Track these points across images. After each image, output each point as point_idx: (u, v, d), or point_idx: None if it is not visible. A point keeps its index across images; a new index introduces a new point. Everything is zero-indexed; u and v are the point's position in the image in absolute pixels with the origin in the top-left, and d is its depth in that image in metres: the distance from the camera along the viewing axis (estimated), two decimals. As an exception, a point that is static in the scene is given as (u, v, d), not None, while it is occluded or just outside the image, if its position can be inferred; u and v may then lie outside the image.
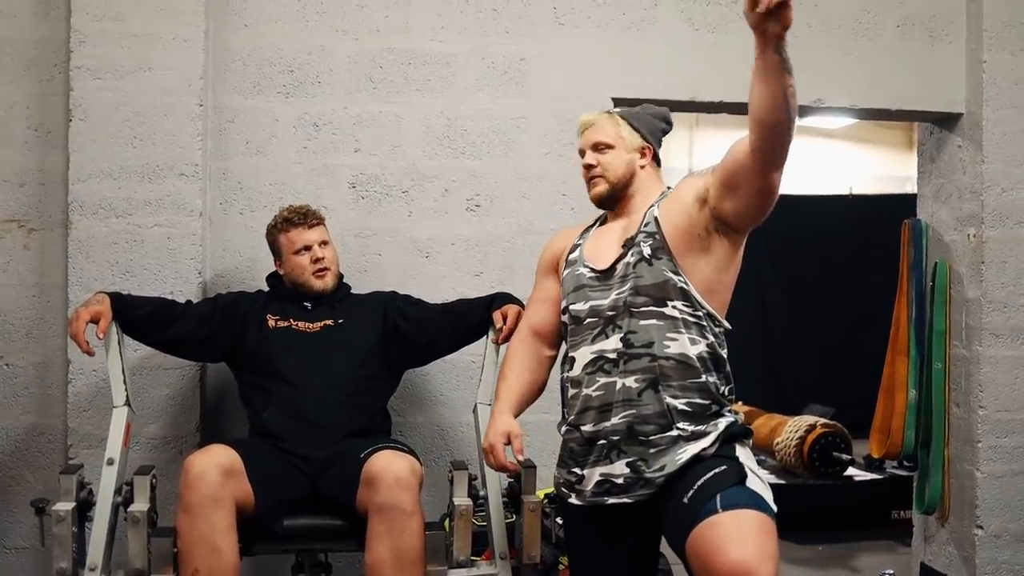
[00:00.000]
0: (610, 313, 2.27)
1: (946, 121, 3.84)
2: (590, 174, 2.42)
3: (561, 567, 2.99)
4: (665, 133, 2.49)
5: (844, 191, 8.17)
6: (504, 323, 2.83)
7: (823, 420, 5.33)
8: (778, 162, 2.11)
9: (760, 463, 5.48)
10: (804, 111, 3.80)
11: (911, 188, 4.28)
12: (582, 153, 2.46)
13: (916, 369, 3.89)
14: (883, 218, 5.02)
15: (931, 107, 3.76)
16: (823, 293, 7.52)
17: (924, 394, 3.86)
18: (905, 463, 4.17)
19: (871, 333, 4.93)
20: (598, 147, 2.41)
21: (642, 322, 2.23)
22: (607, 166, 2.39)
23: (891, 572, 4.08)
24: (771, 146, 2.08)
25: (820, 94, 3.64)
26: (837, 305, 7.47)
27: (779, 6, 1.88)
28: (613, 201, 2.42)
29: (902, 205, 4.64)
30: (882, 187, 8.23)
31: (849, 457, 5.15)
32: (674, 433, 2.19)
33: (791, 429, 5.28)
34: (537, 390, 2.52)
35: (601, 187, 2.41)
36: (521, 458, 2.40)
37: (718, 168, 2.23)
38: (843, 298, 7.41)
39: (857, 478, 5.27)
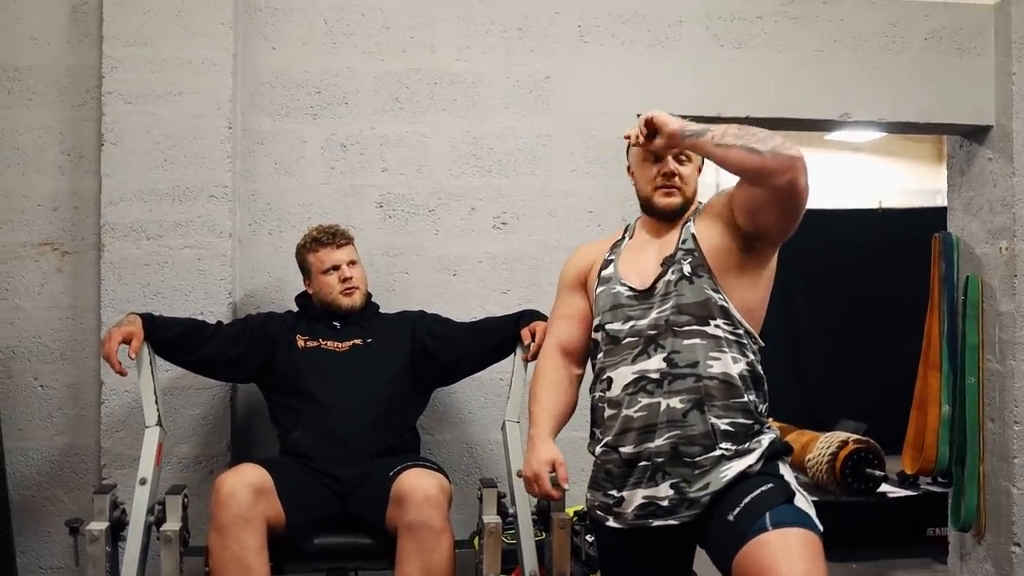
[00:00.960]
0: (651, 332, 2.24)
1: (975, 133, 3.81)
2: (669, 183, 2.33)
3: (592, 585, 2.98)
4: None
5: (873, 205, 8.11)
6: (532, 340, 2.83)
7: (855, 436, 5.29)
8: (787, 181, 2.07)
9: (792, 480, 5.49)
10: (831, 125, 3.81)
11: (941, 201, 4.26)
12: (657, 157, 2.34)
13: (949, 384, 3.85)
14: (913, 232, 4.97)
15: (960, 120, 3.73)
16: (853, 308, 7.45)
17: (957, 409, 3.82)
18: (939, 479, 4.12)
19: (903, 347, 4.88)
20: (679, 157, 2.34)
21: (685, 341, 2.21)
22: (687, 180, 2.34)
23: (927, 590, 4.04)
24: (768, 179, 2.08)
25: (847, 108, 3.63)
26: (868, 320, 7.41)
27: (648, 130, 2.20)
28: (677, 215, 2.35)
29: (932, 218, 4.60)
30: (912, 200, 8.17)
31: (882, 473, 5.09)
32: (717, 453, 2.17)
33: (823, 445, 5.23)
34: (570, 411, 2.48)
35: (677, 199, 2.34)
36: (566, 486, 2.34)
37: (735, 200, 2.21)
38: (874, 313, 7.35)
39: (891, 495, 5.20)
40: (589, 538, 2.90)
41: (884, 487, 5.18)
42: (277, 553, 2.65)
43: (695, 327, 2.21)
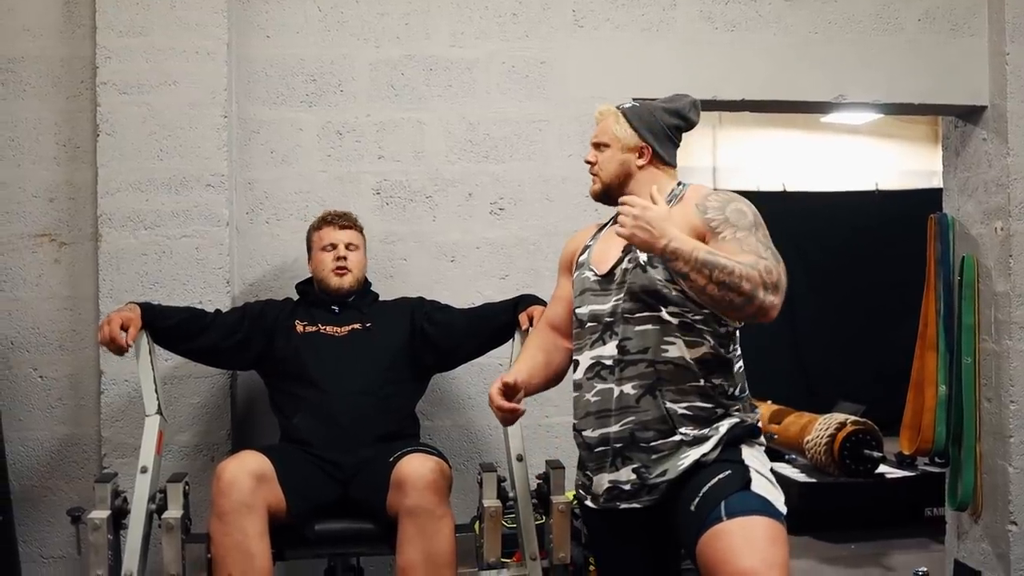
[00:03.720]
0: (608, 319, 2.27)
1: (970, 114, 3.81)
2: (589, 171, 2.42)
3: (591, 568, 2.99)
4: (679, 130, 2.41)
5: (870, 187, 8.12)
6: (531, 325, 2.84)
7: (853, 417, 5.29)
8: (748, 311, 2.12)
9: (790, 462, 5.51)
10: (827, 107, 3.80)
11: (937, 183, 4.26)
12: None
13: (946, 364, 3.86)
14: (910, 213, 4.98)
15: (954, 100, 3.74)
16: (851, 290, 7.48)
17: (954, 389, 3.83)
18: (937, 459, 4.14)
19: (900, 329, 4.89)
20: (597, 145, 2.40)
21: (637, 328, 2.22)
22: (602, 166, 2.39)
23: (924, 570, 4.04)
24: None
25: (842, 90, 3.63)
26: (865, 301, 7.43)
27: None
28: (608, 199, 2.40)
29: (928, 200, 4.61)
30: (908, 182, 8.17)
31: (880, 454, 5.11)
32: (676, 438, 2.18)
33: (821, 427, 5.24)
34: (552, 371, 2.48)
35: (595, 186, 2.41)
36: (508, 380, 2.28)
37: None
38: (871, 294, 7.37)
39: (889, 476, 5.23)
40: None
41: (882, 468, 5.20)
42: (279, 539, 2.67)
43: (647, 313, 2.22)
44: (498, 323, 3.01)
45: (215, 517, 2.58)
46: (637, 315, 2.23)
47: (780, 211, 2.36)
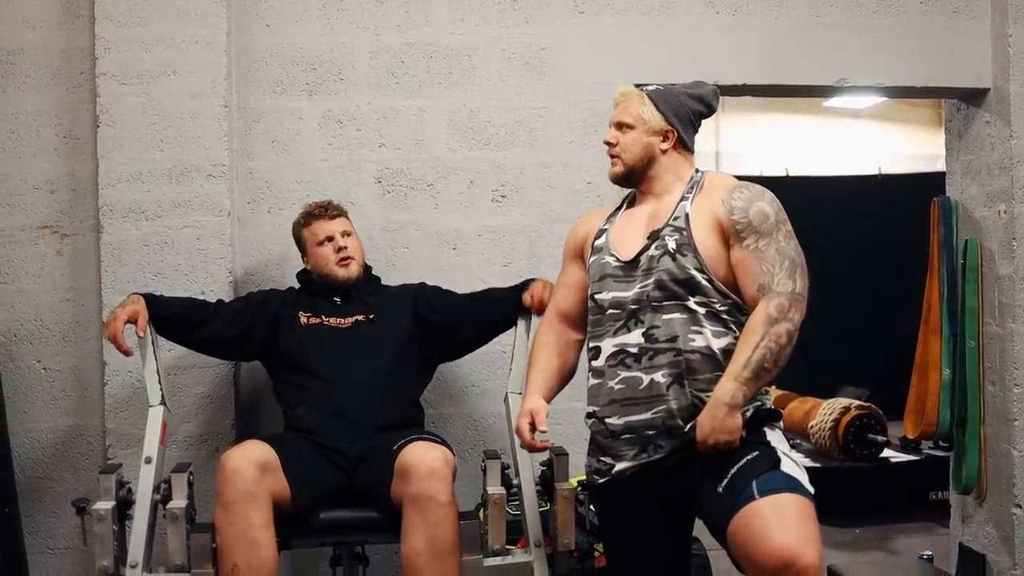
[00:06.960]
0: (633, 307, 2.27)
1: (973, 97, 3.79)
2: (609, 152, 2.42)
3: (596, 554, 3.00)
4: (702, 116, 2.44)
5: (873, 171, 8.10)
6: (540, 310, 2.83)
7: (857, 402, 5.31)
8: None
9: (795, 447, 5.48)
10: (829, 91, 3.79)
11: (940, 166, 4.24)
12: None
13: (949, 348, 3.85)
14: (913, 197, 4.97)
15: (957, 83, 3.71)
16: (854, 274, 7.46)
17: (958, 373, 3.82)
18: (941, 443, 4.15)
19: (903, 313, 4.89)
20: (620, 126, 2.39)
21: (664, 316, 2.23)
22: (624, 147, 2.38)
23: (929, 554, 4.05)
24: None
25: (844, 73, 3.61)
26: (869, 286, 7.42)
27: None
28: (629, 182, 2.42)
29: (932, 183, 4.60)
30: (911, 166, 8.16)
31: (884, 439, 5.11)
32: None
33: (825, 412, 5.26)
34: (567, 373, 2.52)
35: (617, 168, 2.41)
36: (543, 428, 2.37)
37: (732, 259, 2.24)
38: (875, 278, 7.36)
39: (893, 460, 5.24)
40: (593, 508, 2.92)
41: (886, 452, 5.22)
42: (283, 528, 2.67)
43: (675, 302, 2.23)
44: (501, 308, 3.00)
45: (220, 507, 2.58)
46: (665, 303, 2.23)
47: (783, 196, 2.37)
